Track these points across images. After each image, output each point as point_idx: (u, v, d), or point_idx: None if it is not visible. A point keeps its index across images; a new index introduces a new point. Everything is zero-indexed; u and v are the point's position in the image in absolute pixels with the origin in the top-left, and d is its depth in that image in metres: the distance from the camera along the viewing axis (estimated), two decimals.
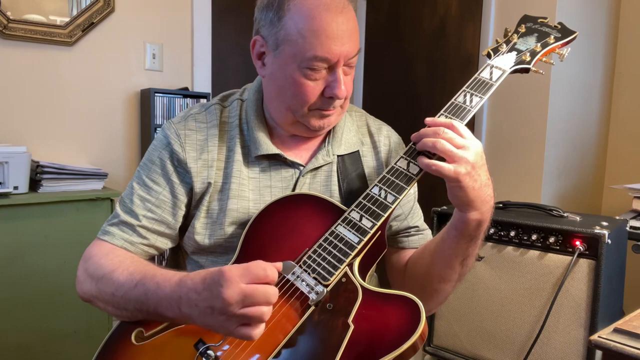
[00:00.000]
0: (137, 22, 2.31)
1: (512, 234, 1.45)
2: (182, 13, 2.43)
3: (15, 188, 1.80)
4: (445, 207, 1.62)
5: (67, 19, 2.13)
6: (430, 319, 1.61)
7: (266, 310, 0.68)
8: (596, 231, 1.32)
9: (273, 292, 0.69)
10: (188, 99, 2.32)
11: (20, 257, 1.78)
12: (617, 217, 1.58)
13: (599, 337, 0.75)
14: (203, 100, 2.36)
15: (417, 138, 0.83)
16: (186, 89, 2.37)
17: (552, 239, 1.38)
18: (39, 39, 2.07)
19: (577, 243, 1.34)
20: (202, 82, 2.50)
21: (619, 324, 0.78)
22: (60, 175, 1.92)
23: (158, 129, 2.23)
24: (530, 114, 2.11)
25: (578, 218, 1.46)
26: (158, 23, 2.36)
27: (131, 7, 2.28)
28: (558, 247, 1.38)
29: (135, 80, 2.33)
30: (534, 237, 1.42)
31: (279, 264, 0.73)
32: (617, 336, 0.75)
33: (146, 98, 2.26)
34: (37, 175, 1.89)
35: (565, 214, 1.49)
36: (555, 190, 2.19)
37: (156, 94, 2.23)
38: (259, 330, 0.69)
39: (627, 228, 1.52)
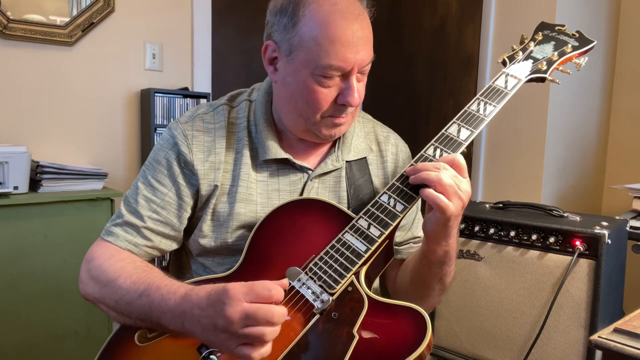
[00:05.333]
0: (137, 22, 2.31)
1: (512, 234, 1.45)
2: (182, 13, 2.42)
3: (15, 188, 1.80)
4: None
5: (67, 19, 2.12)
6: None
7: (269, 332, 0.67)
8: (596, 231, 1.32)
9: (278, 312, 0.67)
10: (188, 99, 2.32)
11: (20, 257, 1.78)
12: (617, 217, 1.58)
13: (599, 337, 0.75)
14: (203, 101, 2.36)
15: (412, 172, 0.82)
16: (186, 89, 2.37)
17: (552, 239, 1.38)
18: (39, 39, 2.07)
19: (577, 243, 1.34)
20: (202, 82, 2.50)
21: (619, 324, 0.78)
22: (60, 175, 1.92)
23: (158, 129, 2.23)
24: (530, 114, 2.11)
25: (578, 218, 1.46)
26: (158, 23, 2.36)
27: (131, 7, 2.28)
28: (558, 247, 1.38)
29: (135, 80, 2.32)
30: (534, 237, 1.42)
31: (285, 282, 0.72)
32: (617, 336, 0.75)
33: (146, 98, 2.26)
34: (37, 175, 1.89)
35: (565, 214, 1.49)
36: (555, 190, 2.19)
37: (156, 94, 2.23)
38: (261, 352, 0.68)
39: (627, 228, 1.52)
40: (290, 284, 0.79)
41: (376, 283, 1.02)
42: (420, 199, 0.84)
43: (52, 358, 1.86)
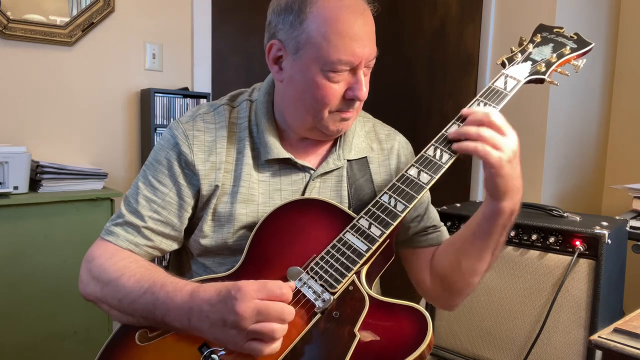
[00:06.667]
0: (137, 22, 2.31)
1: (512, 234, 1.45)
2: (182, 13, 2.42)
3: (15, 188, 1.80)
4: (445, 207, 1.62)
5: (67, 19, 2.12)
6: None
7: (278, 328, 0.68)
8: (596, 231, 1.32)
9: (288, 310, 0.69)
10: (188, 99, 2.32)
11: (20, 257, 1.78)
12: (617, 217, 1.58)
13: (599, 337, 0.75)
14: (203, 101, 2.36)
15: (457, 135, 0.84)
16: (186, 89, 2.37)
17: (552, 239, 1.38)
18: (39, 39, 2.07)
19: (577, 243, 1.35)
20: (202, 82, 2.50)
21: (619, 324, 0.78)
22: (60, 175, 1.92)
23: (158, 129, 2.23)
24: (530, 114, 2.11)
25: (578, 218, 1.46)
26: (158, 23, 2.36)
27: (131, 7, 2.28)
28: (558, 247, 1.38)
29: (135, 80, 2.32)
30: (534, 237, 1.42)
31: (293, 284, 0.74)
32: (617, 336, 0.75)
33: (146, 98, 2.26)
34: (37, 175, 1.89)
35: (565, 214, 1.49)
36: (555, 190, 2.19)
37: (156, 94, 2.23)
38: (270, 348, 0.69)
39: (627, 228, 1.53)
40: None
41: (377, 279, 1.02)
42: (421, 198, 0.84)
43: (52, 358, 1.86)
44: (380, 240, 0.81)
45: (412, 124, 2.71)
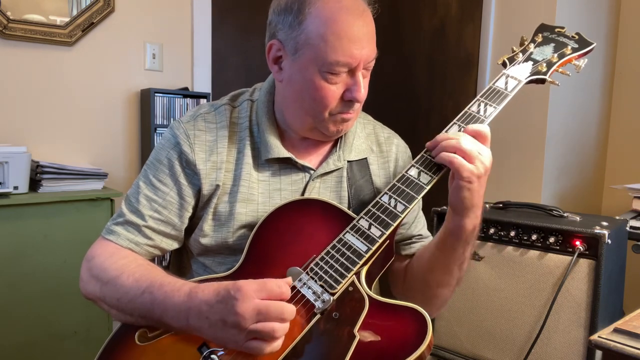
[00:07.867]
0: (137, 22, 2.31)
1: (512, 234, 1.45)
2: (182, 13, 2.42)
3: (15, 188, 1.80)
4: (445, 207, 1.62)
5: (67, 19, 2.13)
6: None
7: (278, 327, 0.68)
8: (596, 231, 1.32)
9: (289, 310, 0.69)
10: (188, 99, 2.32)
11: (20, 257, 1.78)
12: (617, 217, 1.58)
13: (599, 337, 0.75)
14: (203, 101, 2.36)
15: (433, 144, 0.84)
16: (186, 89, 2.37)
17: (552, 239, 1.38)
18: (39, 39, 2.07)
19: (577, 243, 1.34)
20: (202, 82, 2.50)
21: (619, 324, 0.78)
22: (60, 175, 1.92)
23: (158, 129, 2.23)
24: (530, 114, 2.11)
25: (578, 218, 1.46)
26: (158, 23, 2.36)
27: (131, 7, 2.28)
28: (558, 247, 1.38)
29: (135, 80, 2.33)
30: (534, 237, 1.42)
31: (289, 280, 0.74)
32: (617, 336, 0.75)
33: (146, 98, 2.26)
34: (37, 175, 1.89)
35: (565, 214, 1.49)
36: (555, 190, 2.19)
37: (156, 94, 2.23)
38: (271, 346, 0.69)
39: (627, 228, 1.52)
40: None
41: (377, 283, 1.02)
42: (421, 199, 0.84)
43: (52, 358, 1.86)
44: (380, 241, 0.81)
45: (412, 124, 2.71)
